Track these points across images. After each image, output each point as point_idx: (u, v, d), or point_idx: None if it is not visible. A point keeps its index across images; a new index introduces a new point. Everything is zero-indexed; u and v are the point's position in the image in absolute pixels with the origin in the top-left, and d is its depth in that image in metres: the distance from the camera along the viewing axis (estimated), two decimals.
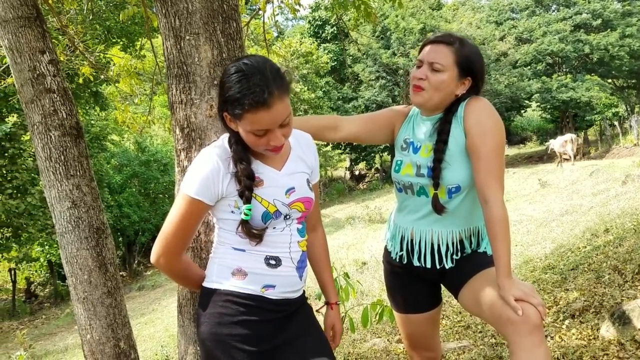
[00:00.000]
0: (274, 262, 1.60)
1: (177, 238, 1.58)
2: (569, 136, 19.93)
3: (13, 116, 12.66)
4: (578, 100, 27.13)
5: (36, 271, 20.50)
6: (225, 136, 1.62)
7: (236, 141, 1.55)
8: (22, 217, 13.00)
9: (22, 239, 14.05)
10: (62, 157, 2.69)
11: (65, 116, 2.74)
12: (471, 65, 1.85)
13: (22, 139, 13.08)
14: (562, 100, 27.41)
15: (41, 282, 20.99)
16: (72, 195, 2.69)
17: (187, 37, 1.89)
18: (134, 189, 20.30)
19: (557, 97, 27.47)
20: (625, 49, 27.73)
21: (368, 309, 3.20)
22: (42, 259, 18.48)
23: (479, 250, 1.96)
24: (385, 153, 30.30)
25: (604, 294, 3.58)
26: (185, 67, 1.90)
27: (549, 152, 21.32)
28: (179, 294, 2.09)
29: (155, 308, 12.17)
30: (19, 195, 13.08)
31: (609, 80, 31.46)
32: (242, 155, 1.55)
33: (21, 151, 13.11)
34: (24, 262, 17.96)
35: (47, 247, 17.21)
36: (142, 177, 20.62)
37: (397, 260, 2.05)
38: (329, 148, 29.40)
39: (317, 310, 2.06)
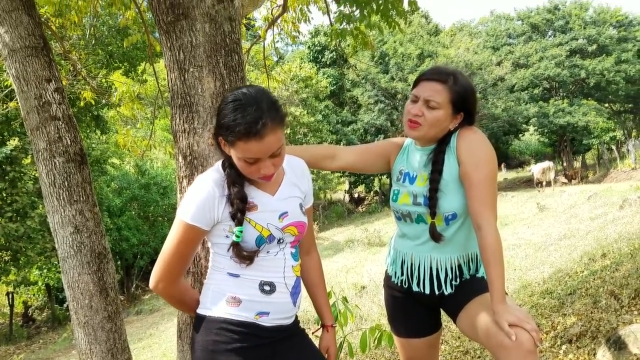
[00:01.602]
0: (268, 287, 1.62)
1: (175, 263, 1.62)
2: (547, 164, 21.35)
3: (14, 139, 12.73)
4: (575, 125, 27.32)
5: (34, 295, 20.33)
6: (220, 161, 1.66)
7: (230, 165, 1.60)
8: (22, 241, 12.98)
9: (20, 262, 13.99)
10: (66, 183, 2.75)
11: (69, 143, 2.81)
12: (465, 102, 1.91)
13: (22, 162, 13.13)
14: (560, 124, 27.60)
15: (39, 306, 20.81)
16: (75, 220, 2.74)
17: (191, 70, 1.97)
18: (133, 212, 20.27)
19: (555, 122, 27.66)
20: (621, 74, 28.04)
21: (367, 334, 3.21)
22: (40, 283, 18.35)
23: (477, 275, 1.99)
24: (385, 176, 30.37)
25: (601, 319, 3.60)
26: (188, 98, 1.97)
27: (534, 180, 22.28)
28: (179, 319, 2.12)
29: (153, 333, 12.08)
30: (18, 218, 13.08)
31: (606, 105, 31.73)
32: (236, 178, 1.59)
33: (22, 174, 13.14)
34: (22, 285, 17.84)
35: (45, 271, 17.11)
36: (142, 200, 20.61)
37: (398, 284, 2.09)
38: (328, 171, 29.47)
39: (313, 333, 2.09)
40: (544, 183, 20.89)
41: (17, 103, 2.97)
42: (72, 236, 2.72)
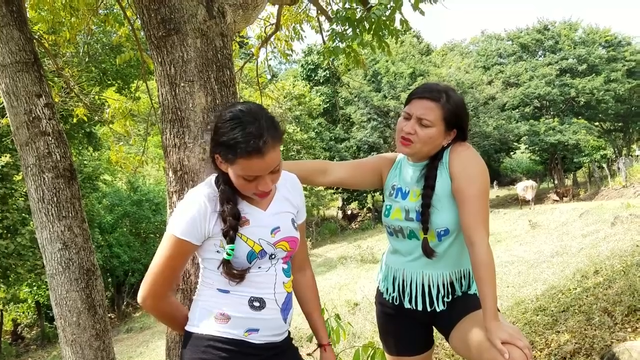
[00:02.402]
0: (257, 304, 1.59)
1: (164, 278, 1.58)
2: (529, 182, 22.83)
3: (6, 156, 12.67)
4: (566, 143, 27.57)
5: (23, 312, 20.07)
6: (213, 177, 1.64)
7: (224, 181, 1.57)
8: (11, 258, 12.83)
9: (10, 279, 13.81)
10: (55, 199, 2.72)
11: (59, 158, 2.79)
12: (457, 119, 1.91)
13: (13, 178, 13.04)
14: (550, 142, 27.84)
15: (28, 323, 20.54)
16: (64, 236, 2.70)
17: (182, 84, 1.96)
18: (124, 229, 20.14)
19: (545, 140, 27.91)
20: (610, 93, 28.41)
21: (360, 352, 3.17)
22: (30, 300, 18.14)
23: (469, 292, 1.98)
24: (377, 193, 30.40)
25: (595, 336, 3.58)
26: (179, 113, 1.97)
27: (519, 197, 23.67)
28: (168, 337, 2.09)
29: (143, 351, 11.92)
30: (8, 235, 12.95)
31: (596, 124, 32.06)
32: (230, 195, 1.57)
33: (12, 191, 13.04)
34: (12, 303, 17.61)
35: (35, 288, 16.92)
36: (134, 216, 20.50)
37: (390, 301, 2.07)
38: (321, 188, 29.49)
39: (309, 354, 2.05)
40: (531, 201, 21.77)
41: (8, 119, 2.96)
42: (61, 252, 2.68)
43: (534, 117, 29.95)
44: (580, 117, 29.95)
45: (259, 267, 1.61)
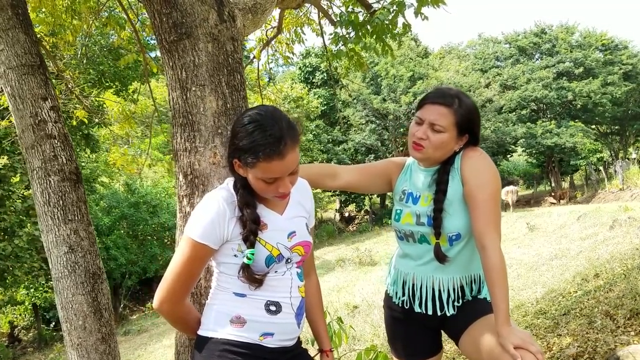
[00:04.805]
0: (274, 308, 1.60)
1: (181, 283, 1.58)
2: (510, 187, 23.85)
3: (3, 158, 12.62)
4: (563, 146, 27.65)
5: (20, 315, 19.98)
6: (230, 180, 1.64)
7: (242, 186, 1.58)
8: (9, 260, 12.77)
9: (7, 281, 13.74)
10: (61, 202, 2.72)
11: (65, 161, 2.79)
12: (469, 124, 1.92)
13: (11, 180, 13.00)
14: (547, 145, 27.93)
15: (25, 326, 20.44)
16: (70, 240, 2.70)
17: (193, 89, 1.96)
18: (122, 231, 20.07)
19: (542, 143, 27.99)
20: (607, 96, 28.50)
21: (362, 355, 3.17)
22: (27, 303, 18.04)
23: (479, 297, 1.98)
24: (375, 195, 30.41)
25: (597, 340, 3.59)
26: (190, 117, 1.97)
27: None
28: (177, 341, 2.08)
29: (141, 354, 11.87)
30: (6, 237, 12.90)
31: (593, 126, 32.17)
32: (249, 200, 1.57)
33: (10, 193, 12.99)
34: (9, 305, 17.53)
35: (32, 291, 16.84)
36: (131, 219, 20.43)
37: (399, 305, 2.07)
38: (319, 190, 29.50)
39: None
40: (511, 204, 22.73)
41: (9, 122, 2.95)
42: (66, 256, 2.68)
43: (531, 120, 30.04)
44: (577, 120, 30.06)
45: (276, 272, 1.61)
